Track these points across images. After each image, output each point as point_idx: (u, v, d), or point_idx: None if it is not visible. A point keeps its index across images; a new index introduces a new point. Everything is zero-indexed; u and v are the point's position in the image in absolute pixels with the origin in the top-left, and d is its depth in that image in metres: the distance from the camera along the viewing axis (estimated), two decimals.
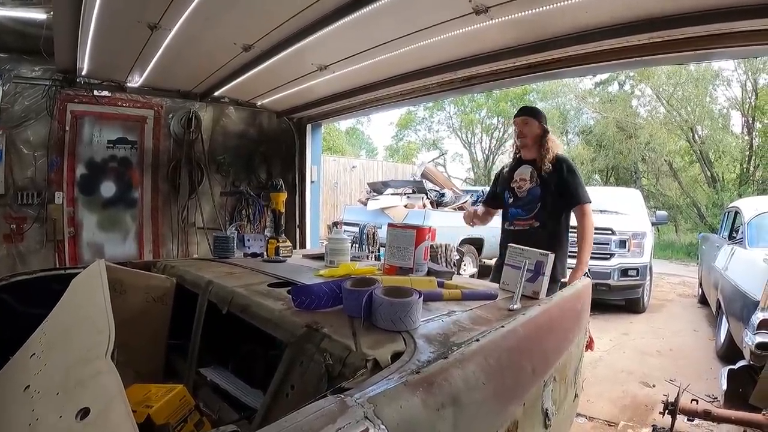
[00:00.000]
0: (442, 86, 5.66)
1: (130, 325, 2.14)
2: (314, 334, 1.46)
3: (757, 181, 18.29)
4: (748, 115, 18.59)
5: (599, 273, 7.28)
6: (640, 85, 21.40)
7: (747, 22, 3.35)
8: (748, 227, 5.97)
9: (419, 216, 9.12)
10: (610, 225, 7.77)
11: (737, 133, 19.77)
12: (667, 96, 19.73)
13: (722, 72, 18.81)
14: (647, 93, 21.34)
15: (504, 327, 1.59)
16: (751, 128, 18.71)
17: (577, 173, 3.42)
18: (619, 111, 21.01)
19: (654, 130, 19.79)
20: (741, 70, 18.04)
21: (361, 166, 17.91)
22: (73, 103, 6.14)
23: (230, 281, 2.20)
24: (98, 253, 6.41)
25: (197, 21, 4.02)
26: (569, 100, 23.90)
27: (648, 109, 21.84)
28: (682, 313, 8.43)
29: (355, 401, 0.97)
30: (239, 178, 7.65)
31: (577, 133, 24.91)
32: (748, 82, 18.27)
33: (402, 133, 32.54)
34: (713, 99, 19.46)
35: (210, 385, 2.01)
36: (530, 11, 3.57)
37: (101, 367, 1.35)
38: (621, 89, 22.88)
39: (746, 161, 18.83)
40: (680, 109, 19.40)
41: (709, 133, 19.07)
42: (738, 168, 19.29)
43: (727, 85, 19.17)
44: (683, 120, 19.33)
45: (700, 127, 19.48)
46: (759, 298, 4.30)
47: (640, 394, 4.66)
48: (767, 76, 17.99)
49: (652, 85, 19.93)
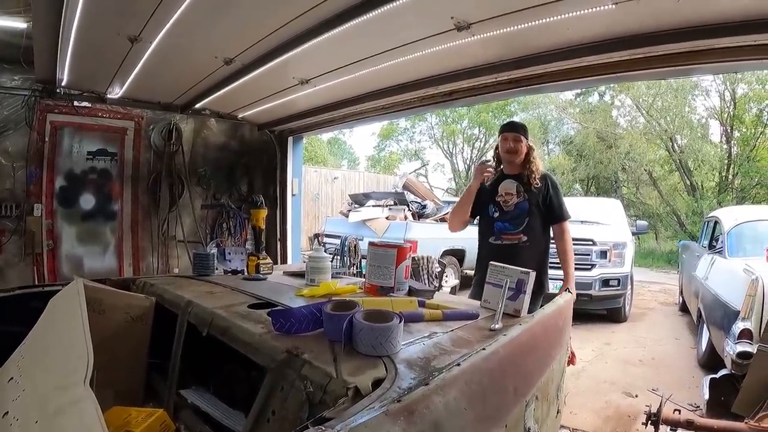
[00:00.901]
0: (423, 101, 5.69)
1: (109, 345, 2.11)
2: (295, 360, 1.44)
3: (736, 189, 18.62)
4: (727, 124, 18.96)
5: (580, 283, 7.31)
6: (620, 96, 21.75)
7: (726, 39, 3.41)
8: (728, 237, 6.05)
9: (401, 228, 9.11)
10: (591, 236, 7.85)
11: (716, 142, 20.19)
12: (646, 106, 20.08)
13: (701, 82, 19.22)
14: (627, 103, 21.74)
15: (485, 349, 1.58)
16: (730, 137, 19.08)
17: (561, 190, 3.52)
18: (599, 121, 21.35)
19: (634, 139, 20.15)
20: (719, 80, 18.43)
21: (343, 177, 17.85)
22: (53, 114, 6.05)
23: (210, 301, 2.17)
24: (77, 266, 6.31)
25: (178, 34, 3.99)
26: (550, 110, 24.24)
27: (628, 119, 22.28)
28: (664, 321, 8.53)
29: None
30: (220, 190, 7.58)
31: (557, 143, 25.28)
32: (726, 92, 18.68)
33: (384, 144, 32.64)
34: (692, 109, 19.88)
35: (191, 407, 1.98)
36: (512, 28, 3.59)
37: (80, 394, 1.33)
38: (601, 100, 23.23)
39: (725, 170, 19.17)
40: (660, 119, 19.75)
41: (688, 143, 19.45)
42: (717, 176, 19.62)
43: (705, 95, 19.61)
44: (663, 130, 19.68)
45: (680, 137, 19.85)
46: (739, 308, 4.36)
47: (623, 404, 4.68)
48: (745, 86, 18.42)
49: (632, 96, 20.26)
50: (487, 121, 26.08)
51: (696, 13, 3.23)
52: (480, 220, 3.63)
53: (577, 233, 3.61)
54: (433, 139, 29.96)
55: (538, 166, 3.46)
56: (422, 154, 30.96)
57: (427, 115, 27.72)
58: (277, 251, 8.09)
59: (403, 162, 31.60)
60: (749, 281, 4.39)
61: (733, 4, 3.05)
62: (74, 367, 1.45)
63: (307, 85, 5.28)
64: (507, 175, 3.52)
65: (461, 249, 9.78)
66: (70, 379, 1.41)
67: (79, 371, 1.41)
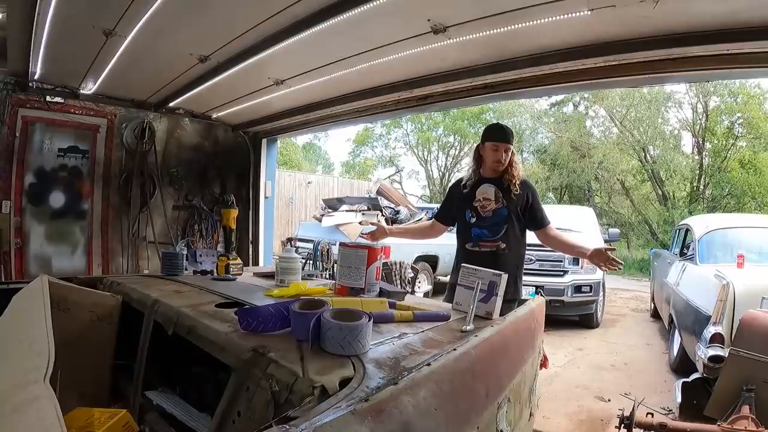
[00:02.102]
0: (398, 104, 5.68)
1: (73, 344, 2.07)
2: (261, 359, 1.41)
3: (707, 199, 19.07)
4: (699, 136, 19.45)
5: (553, 290, 7.42)
6: (594, 106, 22.17)
7: (700, 47, 3.46)
8: (699, 244, 6.14)
9: None
10: None
11: (688, 153, 20.73)
12: (620, 117, 20.46)
13: (674, 94, 19.78)
14: (601, 114, 22.16)
15: (456, 350, 1.56)
16: (702, 148, 19.56)
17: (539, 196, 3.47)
18: (573, 131, 21.70)
19: (607, 149, 20.54)
20: (693, 92, 18.97)
21: (317, 181, 17.79)
22: (25, 109, 5.87)
23: (177, 300, 2.13)
24: (46, 265, 6.15)
25: (153, 29, 3.93)
26: (525, 119, 24.52)
27: (602, 129, 22.71)
28: (636, 327, 8.64)
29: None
30: (192, 191, 7.46)
31: (532, 152, 25.55)
32: (699, 104, 19.17)
33: (359, 150, 32.65)
34: (665, 120, 20.37)
35: (156, 409, 1.94)
36: (489, 32, 3.61)
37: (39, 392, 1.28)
38: (576, 110, 23.57)
39: (696, 180, 19.64)
40: (633, 129, 20.17)
41: (660, 153, 19.88)
42: (688, 186, 20.08)
43: (678, 107, 20.12)
44: (636, 140, 20.08)
45: (652, 147, 20.28)
46: (711, 313, 4.44)
47: (596, 408, 4.72)
48: (717, 99, 18.92)
49: (606, 107, 20.64)
50: (463, 129, 26.28)
51: (670, 22, 3.28)
52: (457, 224, 3.53)
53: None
54: (408, 146, 30.12)
55: (518, 172, 3.35)
56: (397, 160, 31.08)
57: (403, 121, 27.87)
58: (249, 254, 8.01)
59: (378, 168, 31.73)
60: (720, 286, 4.48)
61: (706, 14, 3.11)
62: (34, 365, 1.40)
63: (283, 85, 5.25)
64: (485, 179, 3.38)
65: (434, 255, 9.80)
66: (30, 377, 1.36)
67: (40, 368, 1.37)
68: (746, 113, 18.05)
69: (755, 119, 17.86)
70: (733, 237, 6.14)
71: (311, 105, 6.19)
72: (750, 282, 4.49)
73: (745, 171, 18.11)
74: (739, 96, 18.37)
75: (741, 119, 18.45)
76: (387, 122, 27.97)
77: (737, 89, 18.20)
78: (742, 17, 3.08)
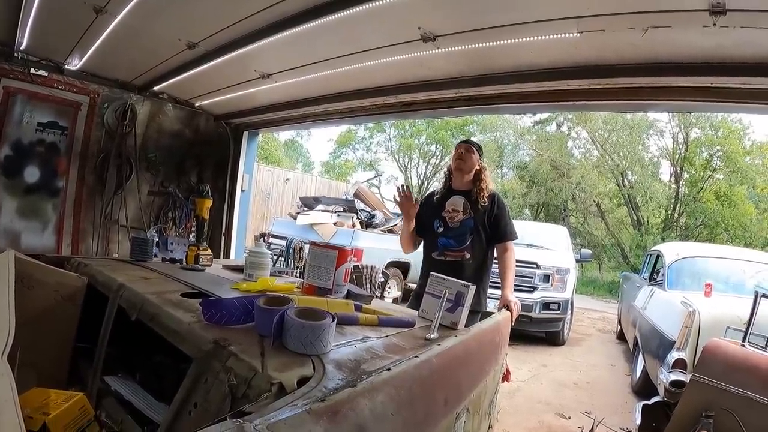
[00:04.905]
0: (382, 108, 5.68)
1: (35, 323, 2.04)
2: (221, 351, 1.41)
3: (681, 227, 19.41)
4: (677, 165, 19.79)
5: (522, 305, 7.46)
6: (577, 128, 22.49)
7: (685, 78, 3.53)
8: (669, 270, 6.25)
9: (347, 235, 9.07)
10: (536, 259, 8.01)
11: (665, 181, 21.09)
12: (601, 140, 20.76)
13: (656, 123, 20.13)
14: (583, 136, 22.45)
15: (418, 357, 1.57)
16: (679, 177, 19.91)
17: (508, 211, 3.51)
18: (554, 150, 21.98)
19: (586, 171, 20.80)
20: (674, 122, 19.34)
21: (296, 179, 17.65)
22: (8, 79, 5.71)
23: (143, 286, 2.11)
24: (15, 241, 5.99)
25: (145, 10, 3.88)
26: (508, 135, 24.77)
27: (582, 151, 23.01)
28: (601, 347, 8.74)
29: (253, 427, 0.93)
30: (169, 178, 7.35)
31: (512, 167, 25.79)
32: (680, 135, 19.50)
33: (340, 151, 32.61)
34: (645, 147, 20.71)
35: (114, 395, 1.91)
36: (477, 45, 3.63)
37: None
38: (558, 130, 23.86)
39: (671, 208, 19.99)
40: (613, 153, 20.48)
41: (638, 179, 20.21)
42: (663, 213, 20.43)
43: (660, 135, 20.46)
44: (615, 164, 20.41)
45: (631, 173, 20.61)
46: (675, 338, 4.51)
47: (556, 424, 4.76)
48: (699, 131, 19.27)
49: (589, 129, 20.93)
50: (445, 139, 26.37)
51: (658, 51, 3.32)
52: (425, 234, 3.58)
53: (522, 255, 3.64)
54: (389, 152, 30.16)
55: (488, 185, 3.44)
56: (377, 165, 30.99)
57: (386, 126, 27.95)
58: (221, 246, 7.91)
59: (358, 171, 31.69)
60: (686, 313, 4.56)
61: (693, 46, 3.15)
62: None
63: (269, 79, 5.22)
64: (455, 191, 3.50)
65: (406, 262, 9.78)
66: None
67: None
68: (726, 146, 18.39)
69: (734, 153, 18.20)
70: (703, 266, 6.25)
71: (296, 102, 6.16)
72: (716, 311, 4.57)
73: (720, 203, 18.48)
74: (720, 129, 18.78)
75: (720, 152, 18.79)
76: (371, 126, 28.00)
77: (719, 122, 18.59)
78: (728, 52, 3.13)
